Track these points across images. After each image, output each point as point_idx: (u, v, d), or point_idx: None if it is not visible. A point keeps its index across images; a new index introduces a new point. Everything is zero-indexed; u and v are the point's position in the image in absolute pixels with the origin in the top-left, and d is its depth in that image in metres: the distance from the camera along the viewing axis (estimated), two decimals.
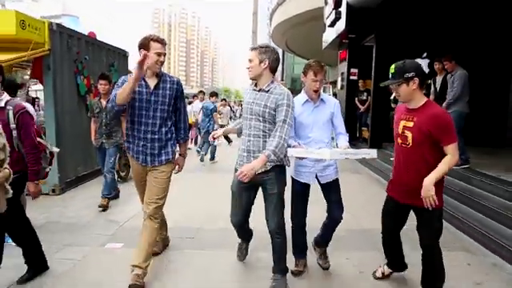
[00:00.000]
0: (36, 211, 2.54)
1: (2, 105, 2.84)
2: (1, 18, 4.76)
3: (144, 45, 2.87)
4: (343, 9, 9.37)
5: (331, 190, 3.09)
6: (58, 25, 5.54)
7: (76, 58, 6.07)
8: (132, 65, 7.47)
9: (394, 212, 2.86)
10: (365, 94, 9.94)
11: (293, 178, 3.11)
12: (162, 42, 2.94)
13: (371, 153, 2.84)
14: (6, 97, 2.89)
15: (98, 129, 5.04)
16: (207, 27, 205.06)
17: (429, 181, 2.45)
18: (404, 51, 6.69)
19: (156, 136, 3.01)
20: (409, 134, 2.61)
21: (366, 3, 8.36)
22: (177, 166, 3.30)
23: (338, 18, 9.51)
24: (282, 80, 36.25)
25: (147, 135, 3.00)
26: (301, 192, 3.09)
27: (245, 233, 3.22)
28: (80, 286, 2.93)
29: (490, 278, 3.16)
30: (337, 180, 3.12)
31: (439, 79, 5.78)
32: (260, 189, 2.88)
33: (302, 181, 3.07)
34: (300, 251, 3.22)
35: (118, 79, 3.04)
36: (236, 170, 2.78)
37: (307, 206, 3.12)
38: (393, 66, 2.64)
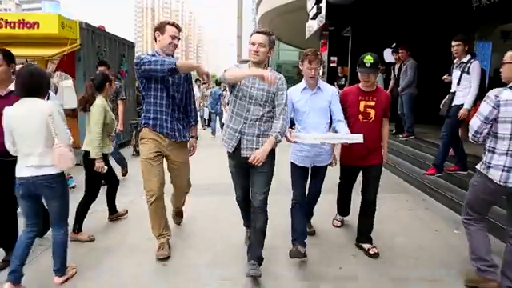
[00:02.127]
0: (76, 177, 3.56)
1: (13, 88, 2.97)
2: (46, 20, 5.91)
3: (159, 28, 3.08)
4: (323, 4, 10.59)
5: (317, 173, 3.33)
6: (86, 23, 6.64)
7: (98, 50, 7.19)
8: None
9: (352, 177, 3.54)
10: (343, 79, 11.25)
11: (291, 162, 3.29)
12: (177, 26, 3.12)
13: (358, 138, 2.95)
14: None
15: None
16: (191, 12, 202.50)
17: (386, 155, 3.42)
18: (376, 41, 8.09)
19: (181, 115, 3.26)
20: (371, 111, 3.21)
21: (341, 1, 9.58)
22: (191, 148, 3.46)
23: (318, 12, 10.74)
24: (268, 67, 37.18)
25: (175, 113, 3.18)
26: (299, 174, 3.26)
27: (249, 212, 3.02)
28: (133, 219, 4.18)
29: (419, 206, 4.63)
30: (326, 166, 3.33)
31: (397, 67, 7.10)
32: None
33: (300, 164, 3.24)
34: (300, 235, 3.18)
35: (129, 66, 3.52)
36: (229, 153, 2.90)
37: (306, 184, 3.33)
38: (370, 58, 3.10)
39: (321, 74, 13.48)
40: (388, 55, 9.24)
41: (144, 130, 3.17)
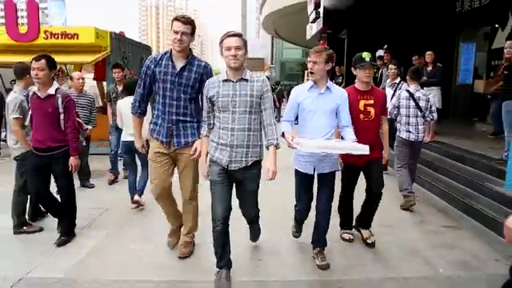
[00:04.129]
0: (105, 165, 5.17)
1: (53, 92, 3.32)
2: (85, 32, 7.09)
3: (171, 25, 2.91)
4: (321, 9, 11.62)
5: (324, 182, 3.08)
6: (114, 33, 7.77)
7: (123, 55, 8.31)
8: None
9: (354, 177, 3.50)
10: (340, 78, 12.26)
11: (295, 169, 3.19)
12: (180, 19, 2.85)
13: (364, 149, 2.80)
14: (55, 85, 3.40)
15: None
16: (195, 10, 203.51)
17: (387, 153, 3.55)
18: (369, 43, 9.06)
19: (181, 118, 2.99)
20: (371, 110, 3.29)
21: (337, 7, 10.60)
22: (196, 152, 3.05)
23: (317, 16, 11.77)
24: (272, 64, 38.33)
25: (172, 116, 2.97)
26: (302, 181, 3.15)
27: (226, 239, 2.82)
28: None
29: (389, 178, 5.65)
30: (332, 173, 3.09)
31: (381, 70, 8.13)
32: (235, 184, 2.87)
33: (302, 170, 3.10)
34: (300, 224, 3.53)
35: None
36: (214, 162, 2.76)
37: (312, 191, 3.22)
38: (367, 53, 3.24)
39: None
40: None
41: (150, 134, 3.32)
